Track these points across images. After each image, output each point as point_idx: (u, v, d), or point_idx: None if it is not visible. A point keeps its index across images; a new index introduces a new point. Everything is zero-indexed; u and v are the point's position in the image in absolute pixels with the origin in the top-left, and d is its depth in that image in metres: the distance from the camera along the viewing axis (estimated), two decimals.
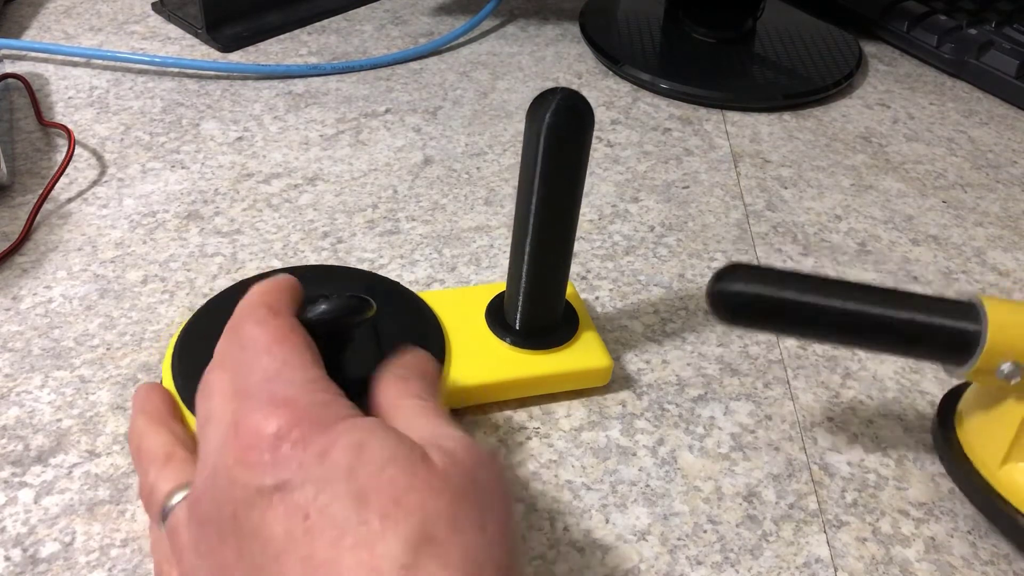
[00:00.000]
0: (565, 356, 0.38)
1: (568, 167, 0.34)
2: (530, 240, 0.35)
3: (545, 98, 0.32)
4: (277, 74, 0.59)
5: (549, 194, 0.34)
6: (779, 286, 0.31)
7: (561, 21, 0.68)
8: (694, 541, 0.34)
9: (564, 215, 0.35)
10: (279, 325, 0.27)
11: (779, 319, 0.31)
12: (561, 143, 0.33)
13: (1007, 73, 0.62)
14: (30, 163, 0.49)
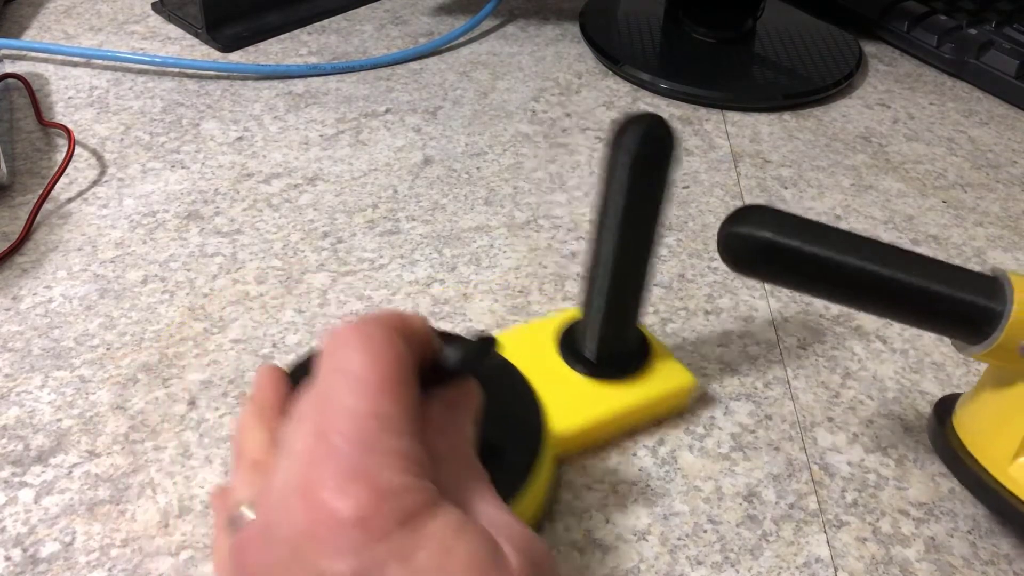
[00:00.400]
0: (649, 382, 0.37)
1: (651, 196, 0.32)
2: (612, 265, 0.34)
3: (631, 124, 0.31)
4: (277, 74, 0.59)
5: (630, 223, 0.33)
6: (795, 234, 0.28)
7: (561, 21, 0.68)
8: (694, 541, 0.34)
9: (644, 244, 0.34)
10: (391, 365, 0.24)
11: (789, 271, 0.29)
12: (645, 172, 0.31)
13: (1007, 73, 0.62)
14: (30, 163, 0.49)
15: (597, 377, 0.37)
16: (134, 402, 0.37)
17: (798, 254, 0.29)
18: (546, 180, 0.51)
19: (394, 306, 0.42)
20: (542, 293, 0.44)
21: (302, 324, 0.41)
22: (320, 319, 0.41)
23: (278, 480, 0.23)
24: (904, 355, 0.42)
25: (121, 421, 0.36)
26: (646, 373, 0.37)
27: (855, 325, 0.44)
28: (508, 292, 0.44)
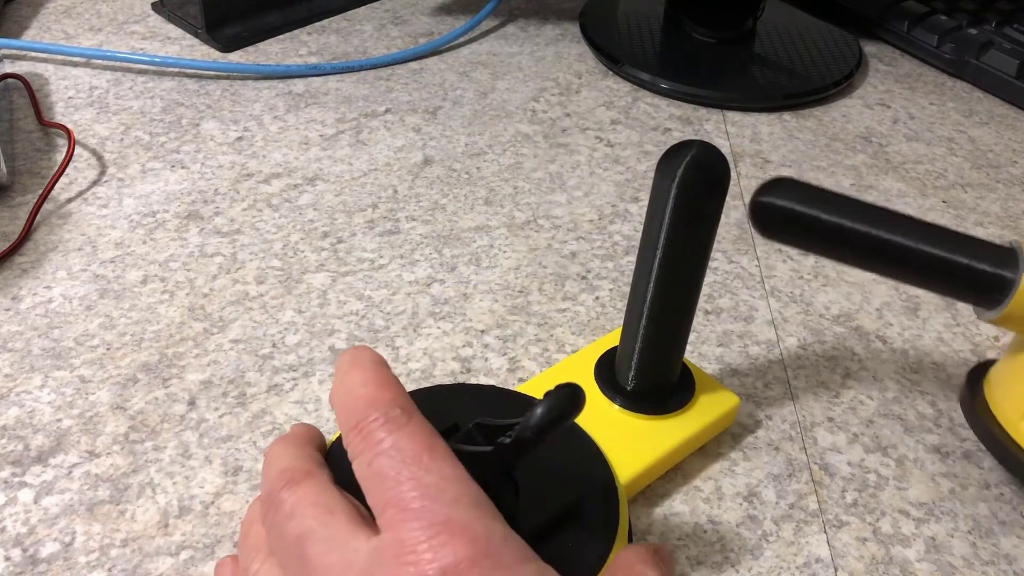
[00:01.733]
0: (696, 412, 0.36)
1: (699, 226, 0.31)
2: (651, 297, 0.32)
3: (678, 151, 0.30)
4: (277, 74, 0.59)
5: (675, 253, 0.31)
6: (819, 205, 0.31)
7: (561, 21, 0.68)
8: (694, 541, 0.34)
9: (690, 276, 0.32)
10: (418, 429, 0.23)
11: (815, 238, 0.31)
12: (692, 201, 0.30)
13: (1007, 73, 0.62)
14: (30, 163, 0.49)
15: (640, 411, 0.35)
16: (134, 402, 0.37)
17: (823, 225, 0.31)
18: (546, 180, 0.51)
19: (394, 306, 0.42)
20: (542, 293, 0.44)
21: (302, 324, 0.41)
22: (320, 319, 0.41)
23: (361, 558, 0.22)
24: (904, 355, 0.42)
25: (121, 421, 0.36)
26: (690, 402, 0.36)
27: (855, 325, 0.44)
28: (508, 292, 0.44)
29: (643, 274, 0.32)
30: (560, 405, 0.25)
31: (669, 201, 0.30)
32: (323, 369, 0.39)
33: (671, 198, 0.30)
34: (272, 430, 0.36)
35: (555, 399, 0.25)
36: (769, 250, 0.48)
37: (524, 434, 0.25)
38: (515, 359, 0.40)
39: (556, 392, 0.25)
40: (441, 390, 0.34)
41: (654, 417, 0.35)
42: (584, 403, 0.25)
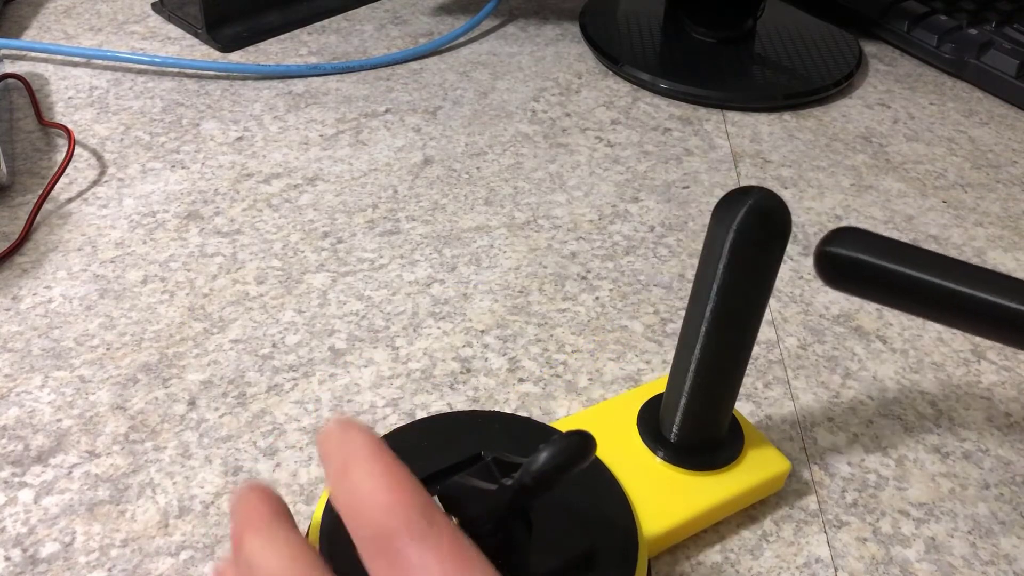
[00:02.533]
0: (742, 471, 0.34)
1: (756, 278, 0.30)
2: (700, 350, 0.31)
3: (736, 198, 0.28)
4: (277, 74, 0.59)
5: (729, 304, 0.30)
6: (887, 255, 0.30)
7: (561, 21, 0.68)
8: (694, 541, 0.34)
9: (743, 330, 0.31)
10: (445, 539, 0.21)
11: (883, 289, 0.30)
12: (751, 252, 0.29)
13: (1007, 73, 0.62)
14: (30, 163, 0.49)
15: (682, 465, 0.33)
16: (134, 402, 0.37)
17: (887, 273, 0.30)
18: (546, 180, 0.51)
19: (394, 306, 0.42)
20: (542, 293, 0.44)
21: (302, 324, 0.41)
22: (320, 319, 0.41)
23: None
24: (904, 355, 0.42)
25: (121, 421, 0.36)
26: (737, 459, 0.34)
27: (855, 325, 0.44)
28: (508, 292, 0.44)
29: (694, 323, 0.31)
30: (563, 454, 0.23)
31: (725, 250, 0.29)
32: (323, 369, 0.39)
33: (727, 247, 0.29)
34: (272, 430, 0.36)
35: (558, 448, 0.23)
36: None
37: (524, 479, 0.24)
38: (515, 359, 0.40)
39: (562, 439, 0.23)
40: (476, 415, 0.34)
41: (696, 473, 0.33)
42: (592, 453, 0.24)
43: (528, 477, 0.24)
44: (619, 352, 0.41)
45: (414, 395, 0.38)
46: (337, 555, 0.27)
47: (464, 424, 0.33)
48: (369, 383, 0.39)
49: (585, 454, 0.24)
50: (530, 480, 0.24)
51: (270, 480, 0.34)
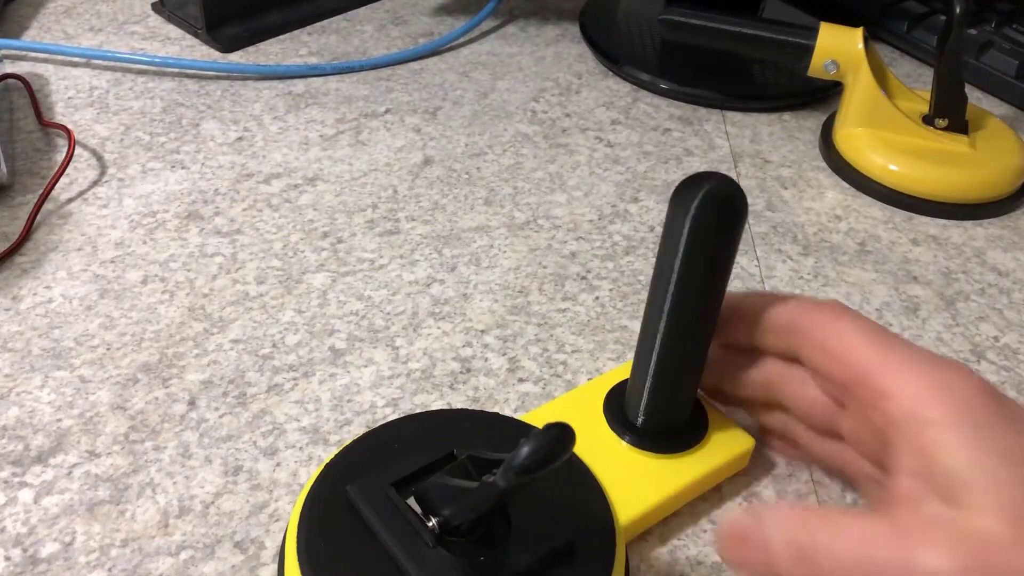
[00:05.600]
0: (707, 452, 0.34)
1: (714, 263, 0.30)
2: (662, 334, 0.31)
3: (693, 184, 0.29)
4: (277, 74, 0.59)
5: (689, 289, 0.30)
6: (691, 15, 0.54)
7: (561, 21, 0.68)
8: (694, 541, 0.34)
9: (703, 313, 0.31)
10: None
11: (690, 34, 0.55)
12: (706, 238, 0.29)
13: (1007, 73, 0.62)
14: (30, 163, 0.49)
15: (648, 449, 0.34)
16: (134, 402, 0.37)
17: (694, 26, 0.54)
18: (546, 180, 0.51)
19: (394, 306, 0.42)
20: (542, 293, 0.44)
21: (302, 324, 0.41)
22: (320, 319, 0.41)
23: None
24: None
25: (121, 421, 0.36)
26: (702, 441, 0.34)
27: None
28: (508, 292, 0.44)
29: (655, 309, 0.31)
30: (545, 448, 0.24)
31: (683, 236, 0.29)
32: (323, 369, 0.39)
33: (685, 233, 0.29)
34: (272, 430, 0.36)
35: (540, 442, 0.24)
36: (769, 250, 0.48)
37: (508, 476, 0.24)
38: (515, 359, 0.40)
39: (542, 434, 0.24)
40: (444, 414, 0.34)
41: (663, 456, 0.34)
42: (572, 445, 0.24)
43: (511, 473, 0.24)
44: (619, 352, 0.41)
45: (414, 395, 0.38)
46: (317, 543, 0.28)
47: (433, 424, 0.33)
48: (369, 383, 0.39)
49: (566, 447, 0.24)
50: (513, 476, 0.24)
51: (270, 480, 0.34)
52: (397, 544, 0.27)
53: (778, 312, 0.32)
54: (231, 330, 0.41)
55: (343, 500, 0.29)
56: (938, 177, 0.51)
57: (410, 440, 0.31)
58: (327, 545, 0.28)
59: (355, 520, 0.28)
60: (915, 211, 0.51)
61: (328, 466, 0.31)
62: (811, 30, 0.53)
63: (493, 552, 0.27)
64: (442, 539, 0.27)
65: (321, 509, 0.29)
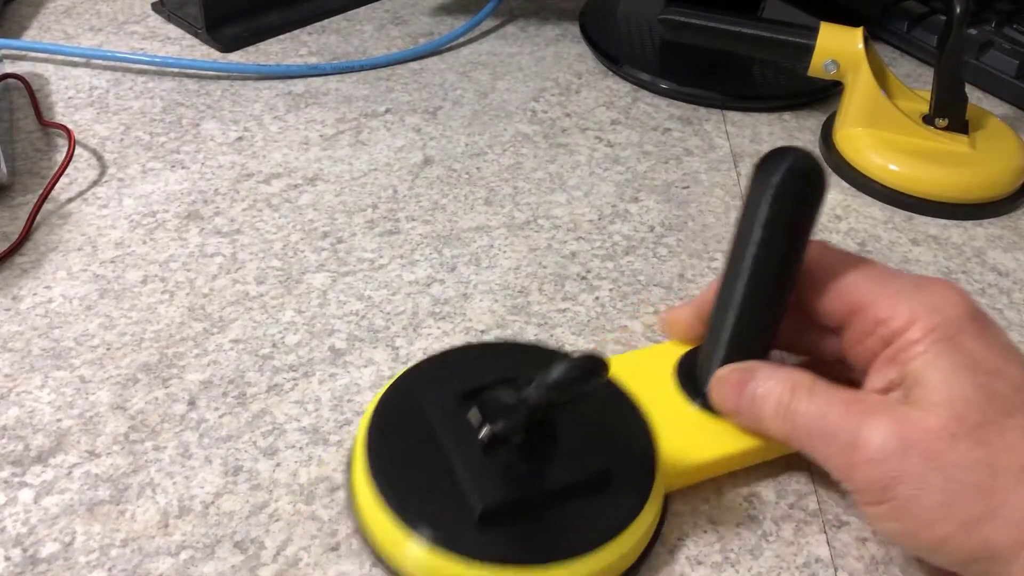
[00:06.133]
0: None
1: (793, 237, 0.32)
2: (738, 304, 0.33)
3: (775, 159, 0.31)
4: (277, 74, 0.59)
5: (767, 263, 0.32)
6: (692, 16, 0.54)
7: (561, 21, 0.68)
8: (694, 541, 0.34)
9: (780, 284, 0.33)
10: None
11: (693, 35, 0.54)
12: (787, 212, 0.31)
13: (1007, 73, 0.62)
14: (30, 163, 0.49)
15: (713, 411, 0.35)
16: (134, 402, 0.37)
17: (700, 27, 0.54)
18: (546, 180, 0.51)
19: (394, 306, 0.42)
20: (542, 293, 0.44)
21: (302, 324, 0.41)
22: (320, 319, 0.41)
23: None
24: None
25: (121, 421, 0.36)
26: None
27: None
28: (508, 292, 0.44)
29: (733, 279, 0.33)
30: (575, 371, 0.26)
31: (763, 210, 0.31)
32: (323, 369, 0.39)
33: (766, 208, 0.31)
34: (272, 430, 0.36)
35: (572, 363, 0.26)
36: None
37: (539, 389, 0.27)
38: None
39: (576, 358, 0.26)
40: (514, 344, 0.38)
41: (719, 418, 0.35)
42: (603, 374, 0.26)
43: (543, 387, 0.27)
44: (619, 352, 0.41)
45: None
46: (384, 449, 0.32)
47: (504, 350, 0.37)
48: (369, 383, 0.39)
49: (593, 372, 0.26)
50: (544, 391, 0.27)
51: (270, 480, 0.34)
52: (451, 445, 0.31)
53: None
54: (231, 330, 0.41)
55: (413, 403, 0.32)
56: (938, 177, 0.51)
57: (481, 362, 0.35)
58: (393, 439, 0.32)
59: (421, 421, 0.32)
60: (915, 211, 0.51)
61: (405, 373, 0.35)
62: (811, 30, 0.53)
63: (534, 467, 0.30)
64: (490, 447, 0.29)
65: (393, 409, 0.33)
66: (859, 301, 0.32)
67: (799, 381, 0.32)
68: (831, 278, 0.33)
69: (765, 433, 0.33)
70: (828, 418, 0.31)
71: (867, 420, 0.30)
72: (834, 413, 0.30)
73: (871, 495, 0.30)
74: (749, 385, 0.33)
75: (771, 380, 0.32)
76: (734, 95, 0.60)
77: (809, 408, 0.31)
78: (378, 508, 0.30)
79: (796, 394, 0.32)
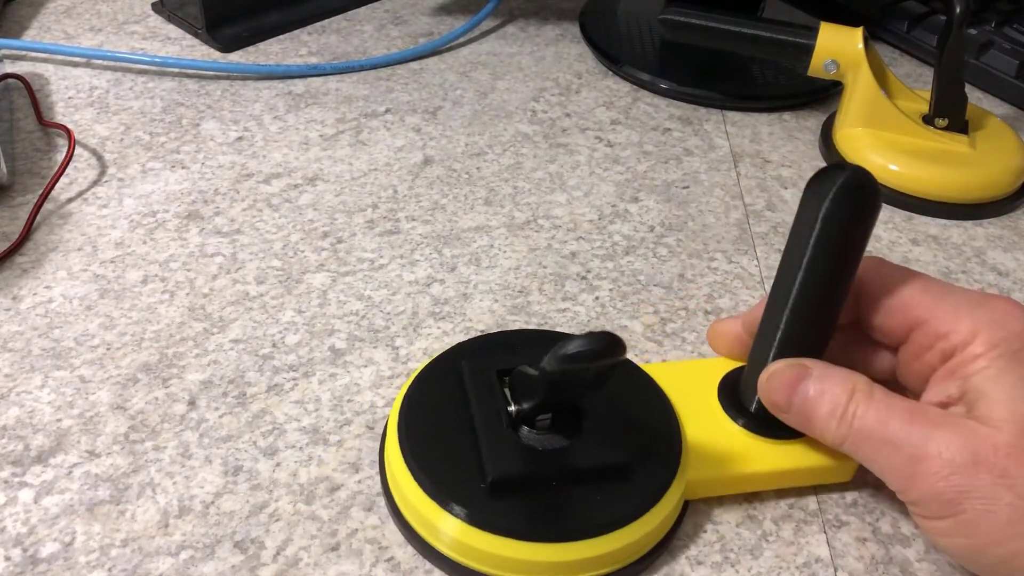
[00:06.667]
0: (806, 447, 0.34)
1: (843, 254, 0.31)
2: (786, 322, 0.33)
3: (828, 175, 0.31)
4: (277, 74, 0.59)
5: (817, 282, 0.32)
6: (695, 16, 0.54)
7: (561, 21, 0.68)
8: (694, 541, 0.34)
9: (829, 302, 0.32)
10: None
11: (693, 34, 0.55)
12: (838, 229, 0.31)
13: (1007, 73, 0.62)
14: (30, 163, 0.49)
15: (755, 432, 0.34)
16: (134, 402, 0.37)
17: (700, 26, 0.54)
18: (546, 180, 0.51)
19: (394, 306, 0.42)
20: (542, 293, 0.44)
21: (302, 324, 0.41)
22: (320, 319, 0.41)
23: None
24: None
25: (121, 421, 0.36)
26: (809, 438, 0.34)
27: None
28: (508, 292, 0.44)
29: (780, 297, 0.33)
30: (589, 346, 0.27)
31: (815, 227, 0.31)
32: (323, 369, 0.39)
33: (817, 224, 0.31)
34: (272, 430, 0.36)
35: (586, 339, 0.27)
36: (769, 250, 0.48)
37: (552, 361, 0.27)
38: None
39: (593, 334, 0.27)
40: (554, 333, 0.39)
41: (768, 440, 0.34)
42: (615, 353, 0.27)
43: (556, 359, 0.27)
44: None
45: None
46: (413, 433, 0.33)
47: (545, 336, 0.38)
48: (369, 383, 0.39)
49: (608, 350, 0.27)
50: (557, 362, 0.27)
51: (270, 480, 0.34)
52: (481, 417, 0.32)
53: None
54: (231, 330, 0.41)
55: (453, 376, 0.34)
56: (938, 177, 0.51)
57: (524, 345, 0.36)
58: (427, 409, 0.33)
59: (457, 394, 0.33)
60: (915, 211, 0.51)
61: (450, 349, 0.36)
62: (811, 30, 0.53)
63: (556, 449, 0.31)
64: (517, 423, 0.32)
65: (433, 380, 0.35)
66: (919, 316, 0.32)
67: (858, 384, 0.31)
68: (889, 294, 0.33)
69: (815, 434, 0.32)
70: (890, 426, 0.30)
71: (934, 432, 0.29)
72: (896, 421, 0.30)
73: (935, 509, 0.29)
74: (804, 383, 0.32)
75: (828, 380, 0.31)
76: (734, 95, 0.60)
77: (868, 413, 0.30)
78: (407, 474, 0.32)
79: (855, 398, 0.31)
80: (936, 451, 0.29)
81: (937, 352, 0.32)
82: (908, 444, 0.29)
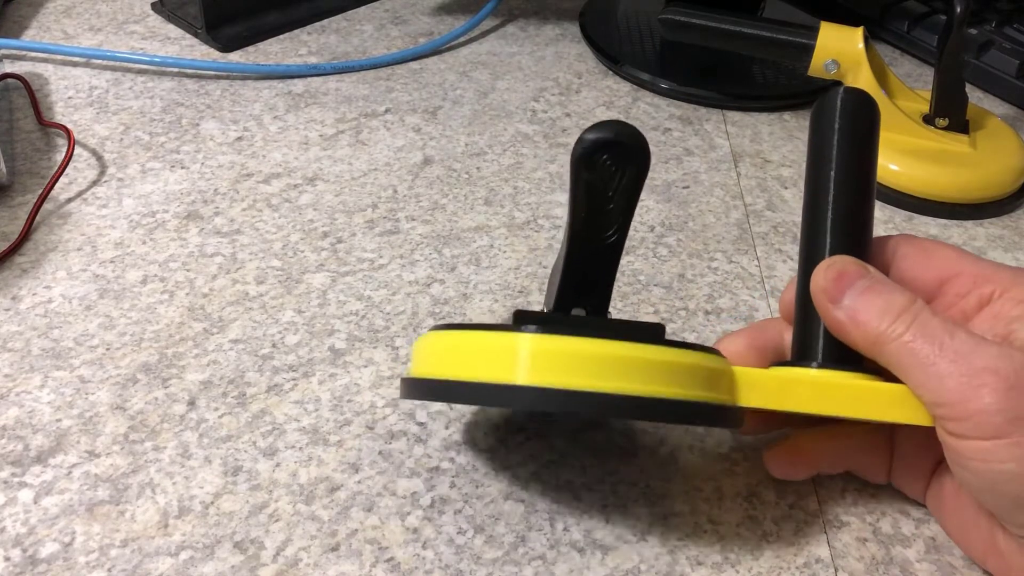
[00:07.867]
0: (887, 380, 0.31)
1: (864, 144, 0.34)
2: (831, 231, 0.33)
3: (830, 92, 0.35)
4: (277, 74, 0.59)
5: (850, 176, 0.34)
6: (695, 16, 0.55)
7: (561, 21, 0.68)
8: (694, 541, 0.34)
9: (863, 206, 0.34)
10: None
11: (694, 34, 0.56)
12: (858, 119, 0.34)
13: (1007, 73, 0.62)
14: (30, 163, 0.49)
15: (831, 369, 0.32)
16: (134, 402, 0.37)
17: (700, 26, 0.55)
18: (546, 180, 0.51)
19: (394, 306, 0.42)
20: (542, 293, 0.44)
21: (302, 324, 0.41)
22: (320, 319, 0.41)
23: None
24: None
25: (121, 421, 0.36)
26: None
27: None
28: (508, 292, 0.44)
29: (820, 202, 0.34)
30: (611, 128, 0.29)
31: (835, 131, 0.34)
32: (323, 369, 0.39)
33: (836, 120, 0.34)
34: (272, 430, 0.36)
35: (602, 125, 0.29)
36: (769, 250, 0.48)
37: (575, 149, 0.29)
38: None
39: (618, 122, 0.29)
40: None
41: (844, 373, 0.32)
42: (639, 144, 0.29)
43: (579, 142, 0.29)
44: None
45: None
46: None
47: None
48: (369, 383, 0.39)
49: (630, 136, 0.29)
50: (579, 148, 0.29)
51: (270, 480, 0.34)
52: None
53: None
54: (231, 330, 0.41)
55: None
56: (938, 177, 0.51)
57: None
58: None
59: None
60: (915, 211, 0.51)
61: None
62: (811, 30, 0.53)
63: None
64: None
65: None
66: (954, 268, 0.33)
67: (918, 299, 0.31)
68: (923, 253, 0.34)
69: (855, 334, 0.30)
70: (957, 335, 0.29)
71: (1001, 351, 0.28)
72: (963, 332, 0.29)
73: (988, 428, 0.28)
74: (864, 279, 0.31)
75: (888, 283, 0.31)
76: (734, 95, 0.59)
77: (933, 319, 0.30)
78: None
79: (918, 304, 0.30)
80: (1008, 369, 0.28)
81: (974, 298, 0.32)
82: (976, 355, 0.28)
